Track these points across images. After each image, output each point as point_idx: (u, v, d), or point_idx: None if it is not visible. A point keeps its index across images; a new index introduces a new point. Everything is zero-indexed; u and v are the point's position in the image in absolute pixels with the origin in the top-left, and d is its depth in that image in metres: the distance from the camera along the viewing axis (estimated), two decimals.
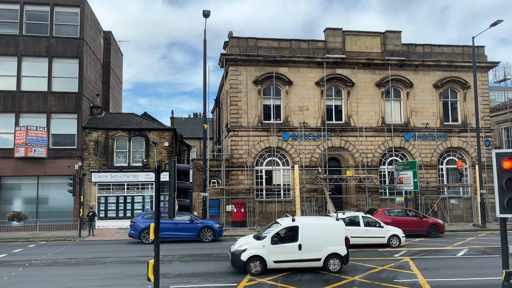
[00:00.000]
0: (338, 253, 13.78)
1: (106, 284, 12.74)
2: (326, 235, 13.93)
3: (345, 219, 19.05)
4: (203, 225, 21.81)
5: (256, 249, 13.69)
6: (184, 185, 9.28)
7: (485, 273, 13.76)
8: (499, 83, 52.84)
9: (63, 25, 29.19)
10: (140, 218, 21.82)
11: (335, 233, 14.04)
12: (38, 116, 28.18)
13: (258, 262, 13.61)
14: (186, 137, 51.10)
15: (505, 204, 7.81)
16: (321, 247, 13.76)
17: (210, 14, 25.34)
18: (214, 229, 21.85)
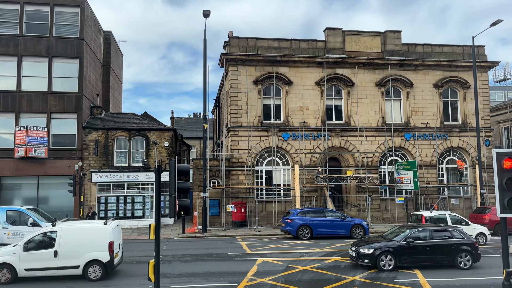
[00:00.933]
0: (99, 259, 12.93)
1: (107, 284, 12.74)
2: (87, 241, 13.05)
3: (433, 217, 19.76)
4: (354, 222, 22.98)
5: (5, 256, 12.86)
6: (184, 185, 9.28)
7: (485, 272, 13.76)
8: (499, 82, 52.87)
9: (63, 25, 29.20)
10: (296, 216, 22.57)
11: (98, 239, 13.10)
12: (38, 116, 28.18)
13: (6, 270, 12.71)
14: (186, 137, 51.10)
15: (506, 204, 7.82)
16: (81, 254, 12.92)
17: (210, 14, 25.33)
18: (364, 226, 22.97)
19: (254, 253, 17.92)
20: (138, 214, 29.05)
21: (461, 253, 14.41)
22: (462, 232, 15.07)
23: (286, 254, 17.51)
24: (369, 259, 14.01)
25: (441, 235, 14.83)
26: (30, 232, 17.10)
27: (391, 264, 14.02)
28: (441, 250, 14.42)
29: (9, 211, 18.09)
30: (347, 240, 21.77)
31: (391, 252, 14.12)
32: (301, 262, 15.52)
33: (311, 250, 18.43)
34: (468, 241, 14.64)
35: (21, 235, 17.38)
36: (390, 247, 14.23)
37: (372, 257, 13.96)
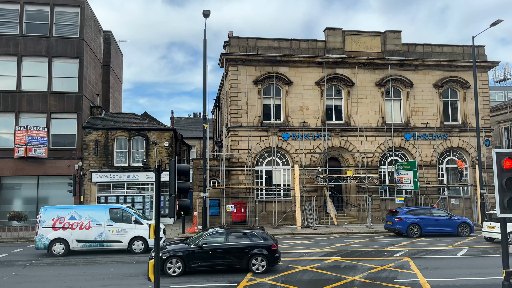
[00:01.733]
0: None
1: (106, 284, 12.74)
2: None
3: None
4: (461, 220, 23.42)
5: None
6: (184, 185, 9.31)
7: (485, 272, 13.75)
8: (499, 83, 52.86)
9: (63, 25, 29.21)
10: (405, 214, 23.12)
11: None
12: (38, 116, 28.19)
13: None
14: (186, 137, 51.11)
15: (505, 204, 7.82)
16: None
17: (210, 14, 25.32)
18: (470, 224, 23.44)
19: None
20: None
21: (256, 256, 13.87)
22: (261, 235, 14.35)
23: (286, 254, 17.50)
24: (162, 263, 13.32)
25: (238, 238, 14.26)
26: (133, 229, 18.19)
27: (180, 269, 13.47)
28: (235, 253, 13.91)
29: (112, 209, 18.76)
30: (348, 240, 21.78)
31: (180, 257, 13.55)
32: (301, 262, 15.52)
33: (311, 250, 18.43)
34: (264, 244, 14.00)
35: (124, 232, 18.16)
36: (180, 251, 13.70)
37: (161, 262, 13.19)
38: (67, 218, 17.97)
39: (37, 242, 17.69)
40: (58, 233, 17.74)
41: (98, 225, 18.02)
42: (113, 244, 18.15)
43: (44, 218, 17.90)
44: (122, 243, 18.14)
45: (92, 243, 18.01)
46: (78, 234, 17.84)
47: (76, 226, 17.90)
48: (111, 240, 18.09)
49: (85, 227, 17.94)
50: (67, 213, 18.05)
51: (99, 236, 17.99)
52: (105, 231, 18.06)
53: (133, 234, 18.21)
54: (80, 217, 18.02)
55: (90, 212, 18.30)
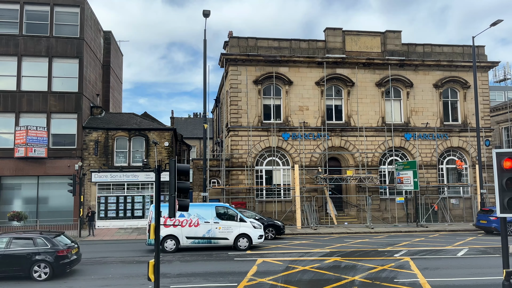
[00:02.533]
0: None
1: (107, 284, 12.74)
2: None
3: None
4: None
5: None
6: (184, 185, 9.28)
7: (485, 272, 13.75)
8: (499, 83, 52.85)
9: (63, 25, 29.19)
10: None
11: None
12: (38, 116, 28.18)
13: None
14: (186, 137, 51.10)
15: (506, 204, 7.81)
16: None
17: (210, 14, 25.32)
18: None
19: (254, 253, 17.93)
20: (138, 214, 29.04)
21: (39, 263, 13.07)
22: (48, 240, 13.47)
23: (286, 254, 17.51)
24: None
25: (22, 243, 13.44)
26: (238, 227, 18.68)
27: None
28: (14, 260, 13.08)
29: (218, 207, 19.27)
30: (348, 240, 21.78)
31: None
32: (301, 262, 15.52)
33: (311, 250, 18.43)
34: (50, 251, 13.20)
35: (230, 229, 18.66)
36: None
37: None
38: (176, 216, 18.13)
39: (149, 238, 18.03)
40: (169, 230, 18.30)
41: (206, 223, 18.52)
42: (220, 241, 18.66)
43: None
44: (228, 240, 18.66)
45: (200, 240, 18.53)
46: (187, 231, 18.39)
47: (185, 223, 18.44)
48: (218, 237, 18.59)
49: (194, 224, 18.47)
50: None
51: (207, 233, 18.50)
52: (212, 229, 18.56)
53: (238, 232, 18.69)
54: (189, 215, 18.49)
55: (197, 210, 18.82)
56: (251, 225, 18.93)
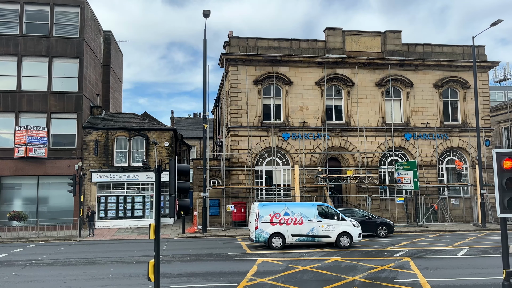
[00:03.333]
0: None
1: (107, 284, 12.73)
2: None
3: None
4: None
5: None
6: (184, 185, 9.27)
7: (485, 272, 13.74)
8: (499, 83, 52.86)
9: (63, 25, 29.20)
10: None
11: None
12: (38, 116, 28.19)
13: None
14: (186, 137, 51.10)
15: (506, 204, 7.81)
16: None
17: (210, 14, 25.33)
18: None
19: (254, 253, 17.92)
20: (138, 214, 29.06)
21: None
22: None
23: (286, 254, 17.50)
24: None
25: None
26: (339, 225, 19.21)
27: None
28: None
29: (319, 206, 19.88)
30: None
31: None
32: (301, 262, 15.52)
33: (311, 250, 18.44)
34: None
35: (332, 228, 19.18)
36: None
37: None
38: (282, 214, 18.98)
39: (257, 235, 18.80)
40: (276, 228, 18.84)
41: (309, 221, 19.07)
42: (323, 239, 19.16)
43: (262, 214, 18.96)
44: (331, 238, 19.17)
45: (305, 238, 19.04)
46: (292, 229, 18.91)
47: (290, 221, 18.95)
48: (321, 235, 19.10)
49: (298, 222, 18.98)
50: (281, 210, 19.14)
51: (310, 231, 19.04)
52: (316, 227, 19.09)
53: (340, 230, 19.19)
54: (293, 213, 19.04)
55: (301, 209, 19.38)
56: (351, 224, 19.45)
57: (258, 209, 19.06)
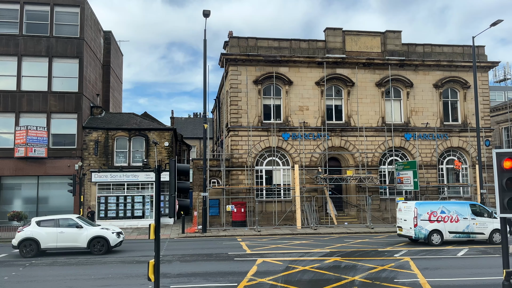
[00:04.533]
0: None
1: (107, 284, 12.74)
2: None
3: None
4: None
5: None
6: (184, 185, 9.28)
7: (485, 272, 13.74)
8: (499, 83, 52.92)
9: (63, 25, 29.21)
10: None
11: None
12: (38, 116, 28.19)
13: None
14: (186, 137, 51.10)
15: (506, 204, 7.82)
16: None
17: (210, 14, 25.33)
18: None
19: (254, 253, 17.92)
20: (138, 214, 29.05)
21: None
22: None
23: (286, 254, 17.51)
24: None
25: None
26: (491, 223, 19.92)
27: None
28: None
29: (472, 204, 20.71)
30: (348, 240, 21.78)
31: None
32: (301, 262, 15.52)
33: (311, 250, 18.43)
34: None
35: (485, 225, 19.99)
36: None
37: None
38: (438, 212, 19.87)
39: (417, 232, 19.57)
40: (434, 225, 19.71)
41: (464, 219, 19.94)
42: (477, 236, 19.97)
43: (420, 212, 19.80)
44: (484, 235, 19.96)
45: (460, 234, 19.85)
46: (449, 226, 19.76)
47: (447, 219, 19.83)
48: (475, 232, 19.88)
49: (454, 220, 19.85)
50: (437, 208, 20.05)
51: (466, 228, 19.88)
52: (470, 224, 19.93)
53: (492, 227, 19.98)
54: (449, 211, 19.92)
55: (455, 207, 20.28)
56: None
57: (416, 207, 19.87)
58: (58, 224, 18.03)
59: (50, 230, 17.84)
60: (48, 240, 17.73)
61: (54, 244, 17.79)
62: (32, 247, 17.57)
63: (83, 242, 17.94)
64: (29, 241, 17.57)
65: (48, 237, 17.73)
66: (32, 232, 17.68)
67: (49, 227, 17.90)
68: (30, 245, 17.57)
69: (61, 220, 18.25)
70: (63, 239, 17.82)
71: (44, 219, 18.37)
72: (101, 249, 17.99)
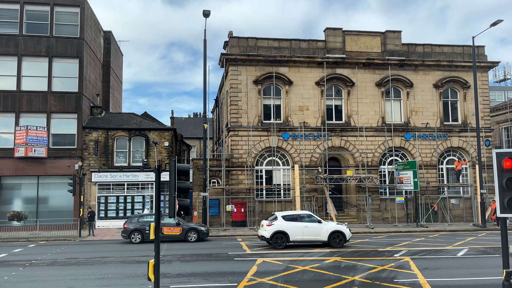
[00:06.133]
0: None
1: (107, 284, 12.73)
2: None
3: None
4: None
5: None
6: (184, 185, 9.26)
7: (485, 272, 13.74)
8: (499, 83, 52.89)
9: (63, 25, 29.20)
10: None
11: None
12: (38, 116, 28.18)
13: None
14: (186, 137, 51.09)
15: (506, 204, 7.80)
16: None
17: (210, 14, 25.33)
18: None
19: (254, 253, 17.92)
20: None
21: None
22: None
23: (286, 254, 17.50)
24: None
25: None
26: None
27: None
28: None
29: None
30: (348, 240, 21.76)
31: None
32: (301, 262, 15.52)
33: (311, 250, 18.43)
34: None
35: None
36: None
37: None
38: None
39: None
40: None
41: None
42: None
43: None
44: None
45: None
46: None
47: None
48: None
49: None
50: None
51: None
52: None
53: None
54: None
55: None
56: None
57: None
58: (301, 219, 19.51)
59: (296, 225, 19.24)
60: (295, 233, 19.11)
61: (300, 237, 19.16)
62: (283, 239, 18.99)
63: (324, 235, 19.13)
64: (280, 234, 19.01)
65: (295, 231, 19.08)
66: (282, 226, 19.07)
67: (294, 222, 19.31)
68: (281, 238, 19.01)
69: (302, 216, 19.81)
70: (308, 233, 19.16)
71: (287, 214, 19.82)
72: (339, 243, 19.14)
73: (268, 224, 19.23)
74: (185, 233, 21.65)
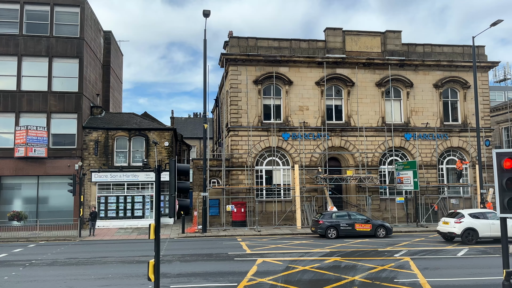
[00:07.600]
0: None
1: (107, 284, 12.73)
2: None
3: None
4: None
5: None
6: (184, 185, 9.26)
7: (485, 272, 13.74)
8: (499, 83, 52.90)
9: (63, 25, 29.20)
10: None
11: None
12: (38, 116, 28.19)
13: None
14: (186, 137, 51.09)
15: (506, 204, 7.81)
16: None
17: (210, 14, 25.32)
18: None
19: (254, 253, 17.92)
20: (138, 214, 29.06)
21: None
22: None
23: (286, 254, 17.51)
24: None
25: None
26: None
27: None
28: None
29: None
30: (348, 240, 21.78)
31: None
32: (301, 262, 15.52)
33: (311, 250, 18.43)
34: None
35: None
36: None
37: None
38: None
39: None
40: None
41: None
42: None
43: None
44: None
45: None
46: None
47: None
48: None
49: None
50: None
51: None
52: None
53: None
54: None
55: None
56: None
57: None
58: (486, 217, 20.26)
59: (484, 222, 20.06)
60: (483, 230, 19.92)
61: (488, 233, 19.90)
62: (473, 236, 19.83)
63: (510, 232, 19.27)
64: (470, 230, 19.87)
65: (483, 228, 19.92)
66: (472, 223, 19.96)
67: (481, 219, 20.11)
68: (471, 234, 19.84)
69: (487, 213, 20.54)
70: (495, 230, 19.62)
71: (474, 212, 20.63)
72: None
73: (456, 222, 20.06)
74: (374, 229, 22.90)
